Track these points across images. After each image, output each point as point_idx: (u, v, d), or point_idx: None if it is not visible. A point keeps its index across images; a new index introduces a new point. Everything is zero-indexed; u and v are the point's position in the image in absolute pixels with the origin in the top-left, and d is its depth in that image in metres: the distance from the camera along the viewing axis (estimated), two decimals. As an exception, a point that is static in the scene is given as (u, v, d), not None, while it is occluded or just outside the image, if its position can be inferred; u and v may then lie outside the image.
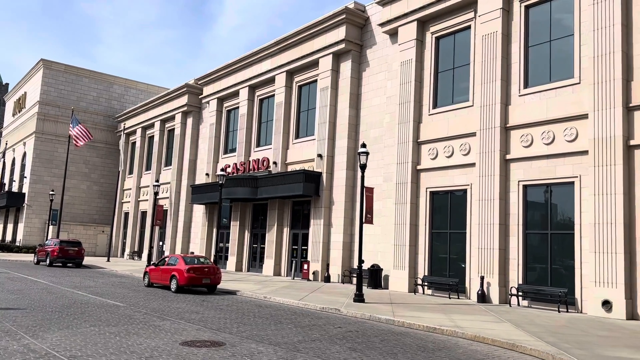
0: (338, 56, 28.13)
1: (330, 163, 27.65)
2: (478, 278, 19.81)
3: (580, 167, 17.75)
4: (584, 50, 18.14)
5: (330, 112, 27.86)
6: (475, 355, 10.11)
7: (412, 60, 23.78)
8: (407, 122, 23.57)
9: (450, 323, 13.60)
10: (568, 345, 10.94)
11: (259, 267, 32.15)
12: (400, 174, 23.51)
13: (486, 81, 20.61)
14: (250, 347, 9.90)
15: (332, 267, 26.66)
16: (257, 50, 33.16)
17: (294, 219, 30.23)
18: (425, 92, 23.53)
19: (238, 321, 13.19)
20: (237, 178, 31.22)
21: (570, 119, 18.19)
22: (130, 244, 47.31)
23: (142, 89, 56.98)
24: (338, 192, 27.03)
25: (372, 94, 26.62)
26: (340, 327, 12.93)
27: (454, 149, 21.97)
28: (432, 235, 22.54)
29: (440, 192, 22.49)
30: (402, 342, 11.17)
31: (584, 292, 17.14)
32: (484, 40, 20.91)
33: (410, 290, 22.41)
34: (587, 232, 17.13)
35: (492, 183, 19.91)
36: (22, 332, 10.37)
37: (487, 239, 19.76)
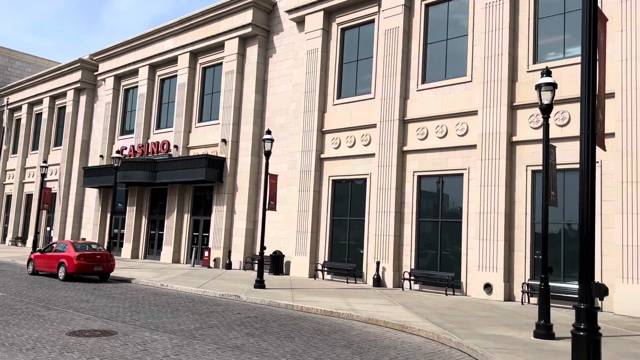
0: (244, 40, 27.72)
1: (234, 148, 27.29)
2: (374, 263, 20.67)
3: (469, 160, 19.05)
4: (476, 51, 19.39)
5: (236, 97, 27.45)
6: (368, 337, 10.58)
7: (318, 49, 24.04)
8: (312, 111, 23.84)
9: (347, 307, 14.09)
10: (452, 325, 11.79)
11: (156, 255, 31.09)
12: (304, 161, 23.79)
13: (387, 75, 21.39)
14: (143, 335, 9.59)
15: (234, 254, 26.46)
16: (159, 28, 31.75)
17: (195, 204, 29.52)
18: (330, 82, 23.93)
19: (132, 310, 12.71)
20: (135, 161, 29.84)
21: (462, 114, 19.42)
22: (14, 229, 43.59)
23: (29, 62, 52.32)
24: (242, 179, 26.79)
25: (278, 80, 26.59)
26: (239, 314, 12.91)
27: (356, 139, 22.62)
28: (333, 222, 23.11)
29: (342, 180, 23.08)
30: (300, 326, 11.41)
31: (468, 276, 18.51)
32: (386, 34, 21.64)
33: (310, 276, 22.87)
34: (473, 221, 18.48)
35: (390, 173, 20.78)
36: None
37: (384, 226, 20.64)
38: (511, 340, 10.14)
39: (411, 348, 9.67)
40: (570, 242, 16.61)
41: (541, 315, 10.60)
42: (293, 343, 9.56)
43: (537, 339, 10.38)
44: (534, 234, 17.31)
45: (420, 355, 9.11)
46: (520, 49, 18.31)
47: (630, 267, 14.80)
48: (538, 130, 17.32)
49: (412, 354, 9.16)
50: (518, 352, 9.02)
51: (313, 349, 9.15)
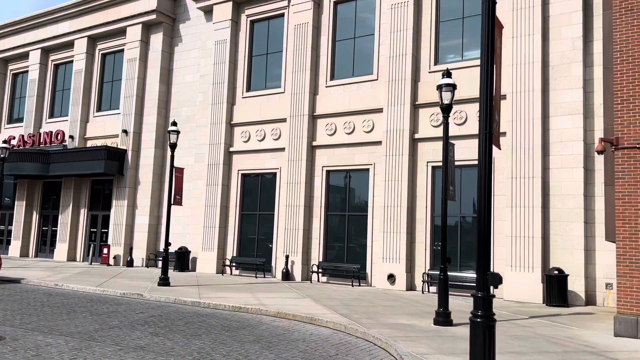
0: (148, 27, 26.52)
1: (137, 140, 26.07)
2: (283, 257, 20.75)
3: (375, 156, 19.69)
4: (382, 50, 20.04)
5: (139, 86, 26.21)
6: (277, 331, 10.61)
7: (226, 40, 23.58)
8: (220, 103, 23.37)
9: (256, 301, 14.03)
10: (358, 315, 12.15)
11: (49, 252, 28.97)
12: (212, 155, 23.28)
13: (297, 70, 21.48)
14: (36, 339, 8.90)
15: (135, 250, 25.33)
16: (53, 9, 29.46)
17: (93, 199, 27.85)
18: (239, 74, 23.58)
19: (22, 312, 11.74)
20: (25, 152, 27.56)
21: (368, 111, 20.00)
22: None
23: None
24: (145, 172, 25.67)
25: (185, 70, 25.75)
26: (143, 313, 12.40)
27: (266, 133, 22.52)
28: (242, 216, 22.86)
29: (252, 174, 22.89)
30: (207, 324, 11.18)
31: (373, 268, 19.17)
32: (296, 29, 21.71)
33: (218, 272, 22.49)
34: (378, 214, 19.14)
35: (300, 167, 20.94)
36: None
37: (293, 220, 20.77)
38: (413, 328, 10.65)
39: (319, 340, 9.83)
40: (466, 233, 17.74)
41: (440, 303, 11.23)
42: (200, 341, 9.35)
43: (437, 326, 11.00)
44: (434, 226, 18.29)
45: (328, 346, 9.29)
46: (423, 50, 19.19)
47: (518, 256, 16.12)
48: (438, 129, 18.27)
49: (320, 345, 9.32)
50: (420, 339, 9.50)
51: (221, 345, 9.01)
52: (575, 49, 16.29)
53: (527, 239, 16.02)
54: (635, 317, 10.16)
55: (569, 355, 8.58)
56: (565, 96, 16.29)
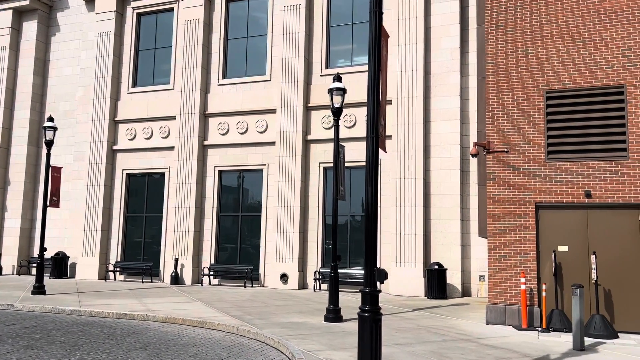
0: (20, 13, 24.26)
1: (6, 136, 23.71)
2: (172, 260, 20.06)
3: (268, 156, 19.73)
4: (274, 51, 20.13)
5: (9, 77, 23.87)
6: (166, 337, 10.24)
7: (110, 32, 22.27)
8: (103, 98, 22.02)
9: (142, 307, 13.42)
10: (250, 316, 12.11)
11: None
12: (94, 153, 21.84)
13: (187, 67, 20.88)
14: None
15: (5, 257, 23.03)
16: None
17: (-47, 201, 24.86)
18: (124, 69, 22.39)
19: None
20: None
21: (262, 112, 19.99)
22: None
23: None
24: (16, 171, 23.43)
25: (63, 62, 23.90)
26: (14, 324, 11.32)
27: (154, 130, 21.61)
28: (127, 219, 21.72)
29: (138, 174, 21.84)
30: (89, 332, 10.49)
31: (267, 268, 19.19)
32: (186, 25, 21.10)
33: (100, 277, 21.16)
34: (272, 214, 19.21)
35: (190, 167, 20.37)
36: None
37: (184, 221, 20.16)
38: (305, 326, 10.85)
39: (210, 343, 9.66)
40: (355, 231, 18.41)
41: (331, 300, 11.55)
42: (81, 351, 8.75)
43: (328, 323, 11.29)
44: (325, 225, 18.75)
45: (220, 349, 9.16)
46: (315, 53, 19.59)
47: (402, 252, 17.04)
48: (329, 131, 18.76)
49: (211, 349, 9.16)
50: (312, 337, 9.70)
51: (104, 355, 8.51)
52: (453, 59, 17.59)
53: (410, 236, 17.00)
54: (503, 305, 11.22)
55: (447, 344, 9.25)
56: (444, 103, 17.53)
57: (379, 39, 5.15)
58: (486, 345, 9.17)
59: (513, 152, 11.47)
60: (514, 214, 11.33)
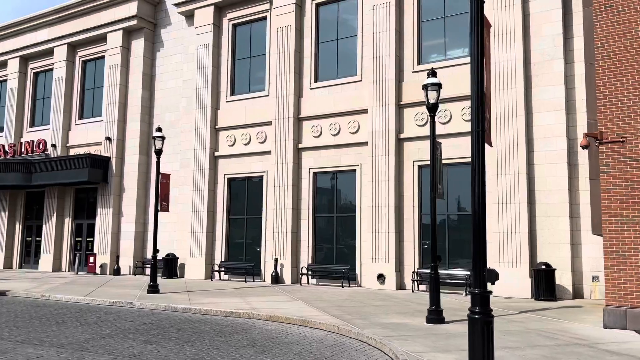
0: (129, 33, 26.29)
1: (120, 147, 25.81)
2: (272, 260, 20.69)
3: (361, 157, 19.75)
4: (365, 51, 20.12)
5: (121, 92, 25.95)
6: (270, 334, 10.57)
7: (209, 45, 23.47)
8: (204, 107, 23.25)
9: (247, 306, 13.96)
10: (350, 316, 12.17)
11: (34, 263, 28.52)
12: (198, 160, 23.14)
13: (281, 73, 21.47)
14: (27, 352, 8.75)
15: (122, 258, 25.05)
16: (31, 17, 29.05)
17: (77, 208, 27.49)
18: (222, 79, 23.49)
19: (10, 325, 11.53)
20: (6, 162, 27.10)
21: (353, 113, 20.06)
22: None
23: None
24: (130, 179, 25.42)
25: (167, 75, 25.56)
26: (134, 321, 12.26)
27: (251, 136, 22.45)
28: (229, 221, 22.75)
29: (238, 178, 22.80)
30: (200, 330, 11.10)
31: (363, 268, 19.21)
32: (278, 32, 21.70)
33: (207, 277, 22.34)
34: (366, 214, 19.19)
35: (286, 170, 20.91)
36: None
37: (281, 223, 20.73)
38: (406, 327, 10.70)
39: (313, 342, 9.82)
40: (453, 231, 17.88)
41: (432, 301, 11.29)
42: (194, 347, 9.28)
43: (429, 324, 11.05)
44: (421, 225, 18.39)
45: (322, 347, 9.29)
46: (406, 50, 19.31)
47: (505, 252, 16.28)
48: (422, 128, 18.40)
49: (315, 347, 9.31)
50: (414, 338, 9.54)
51: (215, 351, 8.96)
52: (555, 46, 16.53)
53: (514, 235, 16.20)
54: (623, 308, 10.34)
55: (561, 348, 8.69)
56: (547, 93, 16.51)
57: (481, 28, 4.95)
58: (606, 351, 8.49)
59: (630, 142, 10.54)
60: (633, 209, 10.40)
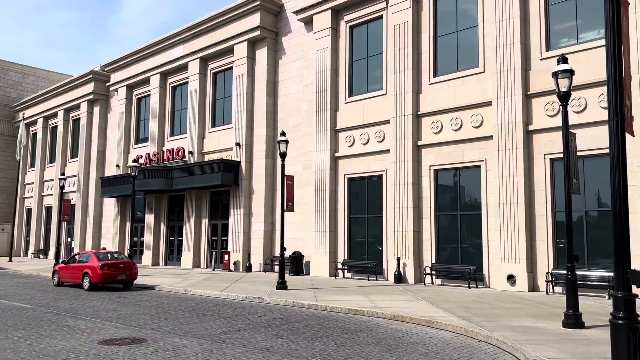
0: (253, 43, 27.82)
1: (249, 152, 27.41)
2: (394, 259, 20.62)
3: (486, 152, 18.92)
4: (487, 41, 19.24)
5: (247, 100, 27.55)
6: (395, 334, 10.56)
7: (327, 48, 24.04)
8: (324, 110, 23.86)
9: (371, 304, 14.08)
10: (479, 318, 11.72)
11: (177, 260, 31.34)
12: (319, 161, 23.81)
13: (398, 70, 21.31)
14: (173, 341, 9.69)
15: (253, 256, 26.57)
16: (168, 36, 31.98)
17: (212, 209, 29.71)
18: (341, 81, 23.92)
19: (158, 316, 12.83)
20: (151, 169, 30.10)
21: (476, 106, 19.29)
22: (35, 241, 44.22)
23: (42, 76, 53.01)
24: (258, 181, 26.89)
25: (289, 81, 26.63)
26: (265, 316, 12.97)
27: (370, 136, 22.58)
28: (350, 220, 23.10)
29: (357, 178, 23.06)
30: (326, 326, 11.43)
31: (491, 268, 18.39)
32: (395, 30, 21.56)
33: (331, 275, 22.89)
34: (493, 212, 18.34)
35: (406, 168, 20.72)
36: None
37: (402, 221, 20.58)
38: (540, 331, 10.06)
39: (440, 343, 9.64)
40: (592, 228, 16.42)
41: (569, 304, 10.49)
42: (321, 343, 9.59)
43: (567, 329, 10.28)
44: (555, 222, 17.15)
45: (449, 349, 9.08)
46: (532, 36, 18.13)
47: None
48: (554, 118, 17.14)
49: (441, 348, 9.13)
50: (549, 343, 8.94)
51: (341, 348, 9.17)
52: None
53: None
54: None
55: None
56: None
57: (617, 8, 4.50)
58: None
59: None
60: None
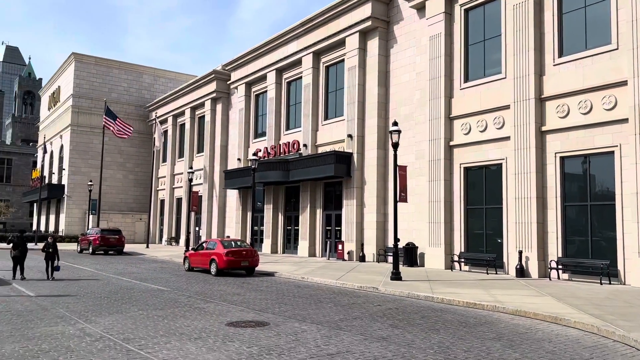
0: (365, 34, 27.84)
1: (360, 143, 27.58)
2: (516, 253, 19.61)
3: (620, 136, 17.25)
4: (621, 15, 17.47)
5: (359, 92, 27.70)
6: (518, 329, 10.09)
7: (441, 34, 23.35)
8: (438, 97, 23.26)
9: (490, 298, 13.56)
10: (612, 317, 10.80)
11: (293, 249, 32.55)
12: (432, 150, 23.30)
13: (518, 52, 20.11)
14: (293, 326, 10.13)
15: (366, 246, 26.78)
16: (282, 33, 33.10)
17: (326, 200, 30.39)
18: (455, 66, 23.13)
19: (279, 301, 13.46)
20: (269, 162, 31.48)
21: (608, 86, 17.64)
22: (168, 230, 48.43)
23: (170, 78, 57.66)
24: (369, 172, 26.99)
25: (401, 70, 26.32)
26: (380, 305, 13.06)
27: (488, 123, 21.62)
28: (467, 211, 22.35)
29: (474, 167, 22.22)
30: (443, 318, 11.23)
31: (627, 264, 16.79)
32: (515, 10, 20.35)
33: (446, 267, 22.37)
34: (629, 202, 16.71)
35: (528, 156, 19.55)
36: (75, 317, 10.85)
37: (524, 213, 19.48)
38: (688, 335, 9.02)
39: (568, 341, 9.04)
40: None
41: None
42: (439, 335, 9.45)
43: None
44: None
45: (579, 348, 8.48)
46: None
47: None
48: None
49: (570, 347, 8.57)
50: (699, 348, 8.01)
51: (460, 341, 8.97)
52: None
53: None
54: None
55: None
56: None
57: None
58: None
59: None
60: None
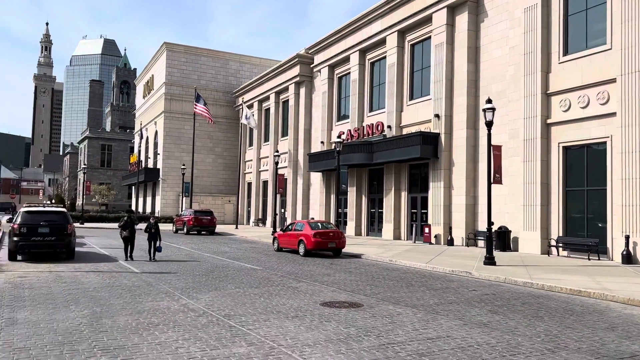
0: (453, 9, 26.72)
1: (448, 123, 26.67)
2: (622, 237, 18.17)
3: None
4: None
5: (447, 69, 26.71)
6: (633, 319, 9.32)
7: (537, 4, 21.86)
8: (533, 73, 21.88)
9: (596, 285, 12.67)
10: None
11: (377, 231, 32.36)
12: (528, 129, 22.04)
13: (627, 19, 18.38)
14: (387, 308, 10.00)
15: (455, 230, 26.02)
16: (366, 13, 32.58)
17: (411, 182, 29.82)
18: (553, 39, 21.60)
19: (369, 283, 13.39)
20: (352, 144, 31.35)
21: None
22: (255, 211, 49.95)
23: (255, 64, 58.92)
24: (458, 153, 26.08)
25: (492, 45, 25.03)
26: (475, 290, 12.61)
27: (590, 98, 20.06)
28: (565, 193, 20.99)
29: (574, 146, 20.76)
30: (546, 306, 10.62)
31: None
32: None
33: (543, 252, 21.22)
34: None
35: (637, 133, 17.94)
36: (178, 294, 11.41)
37: (633, 195, 17.96)
38: None
39: (694, 336, 8.21)
40: None
41: None
42: (544, 323, 8.93)
43: None
44: None
45: None
46: None
47: None
48: None
49: (697, 342, 7.77)
50: None
51: (569, 329, 8.42)
52: None
53: None
54: None
55: None
56: None
57: None
58: None
59: None
60: None
